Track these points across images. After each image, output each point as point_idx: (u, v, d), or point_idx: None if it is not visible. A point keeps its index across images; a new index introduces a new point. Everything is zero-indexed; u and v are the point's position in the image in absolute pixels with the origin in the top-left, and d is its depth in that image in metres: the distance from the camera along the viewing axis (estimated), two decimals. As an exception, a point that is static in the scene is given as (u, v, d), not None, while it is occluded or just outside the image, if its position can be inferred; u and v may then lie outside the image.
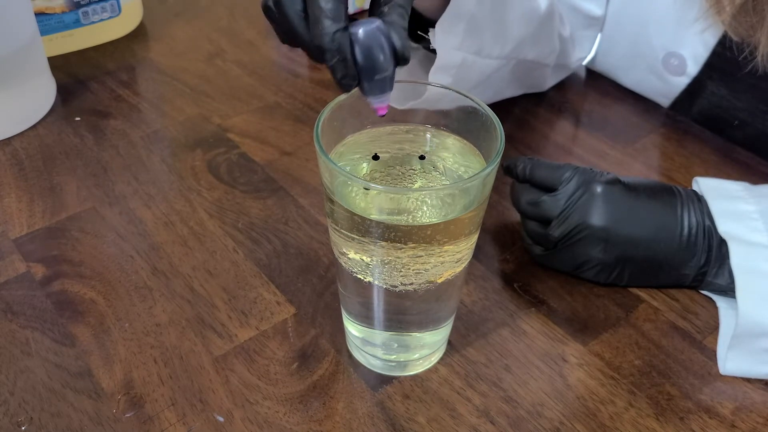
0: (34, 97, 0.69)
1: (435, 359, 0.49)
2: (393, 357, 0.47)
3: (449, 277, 0.43)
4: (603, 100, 0.74)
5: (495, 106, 0.50)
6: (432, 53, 0.39)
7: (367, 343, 0.47)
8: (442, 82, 0.42)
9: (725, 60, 0.63)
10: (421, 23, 0.56)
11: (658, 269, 0.52)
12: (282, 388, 0.47)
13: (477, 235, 0.43)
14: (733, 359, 0.48)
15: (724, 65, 0.64)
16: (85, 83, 0.75)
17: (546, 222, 0.52)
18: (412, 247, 0.39)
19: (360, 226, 0.39)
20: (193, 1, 0.91)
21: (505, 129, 0.40)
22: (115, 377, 0.47)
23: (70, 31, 0.78)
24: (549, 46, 0.66)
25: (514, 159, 0.54)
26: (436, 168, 0.43)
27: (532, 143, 0.68)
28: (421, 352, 0.47)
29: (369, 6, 0.41)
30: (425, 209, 0.40)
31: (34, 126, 0.69)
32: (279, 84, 0.76)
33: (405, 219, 0.39)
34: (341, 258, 0.43)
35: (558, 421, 0.45)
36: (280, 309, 0.52)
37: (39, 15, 0.74)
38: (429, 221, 0.40)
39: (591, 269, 0.52)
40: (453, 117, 0.44)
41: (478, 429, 0.45)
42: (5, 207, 0.60)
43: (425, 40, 0.55)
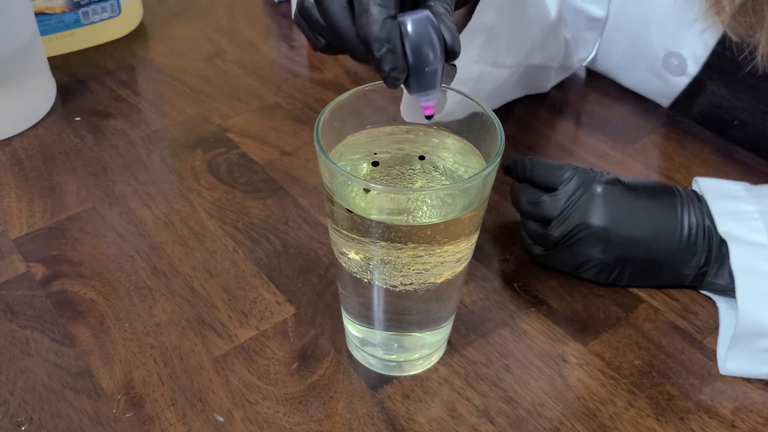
0: (34, 97, 0.69)
1: (435, 359, 0.49)
2: (393, 357, 0.47)
3: (449, 277, 0.43)
4: (603, 100, 0.74)
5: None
6: (451, 67, 0.39)
7: (367, 343, 0.47)
8: (457, 97, 0.41)
9: (725, 60, 0.63)
10: None
11: (658, 269, 0.52)
12: (282, 388, 0.47)
13: (477, 235, 0.43)
14: (733, 359, 0.48)
15: (724, 65, 0.64)
16: (85, 83, 0.75)
17: (546, 222, 0.52)
18: (412, 247, 0.39)
19: (360, 226, 0.39)
20: (193, 1, 0.91)
21: (506, 129, 0.40)
22: (115, 377, 0.47)
23: (70, 31, 0.78)
24: (555, 49, 0.67)
25: (514, 159, 0.54)
26: (436, 168, 0.43)
27: (532, 143, 0.68)
28: (421, 352, 0.47)
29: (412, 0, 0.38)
30: (425, 209, 0.40)
31: (34, 126, 0.69)
32: (279, 84, 0.76)
33: (405, 219, 0.39)
34: (341, 258, 0.43)
35: (558, 421, 0.45)
36: (280, 309, 0.52)
37: (39, 15, 0.74)
38: (429, 221, 0.40)
39: (591, 269, 0.52)
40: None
41: (478, 429, 0.45)
42: (5, 207, 0.60)
43: None
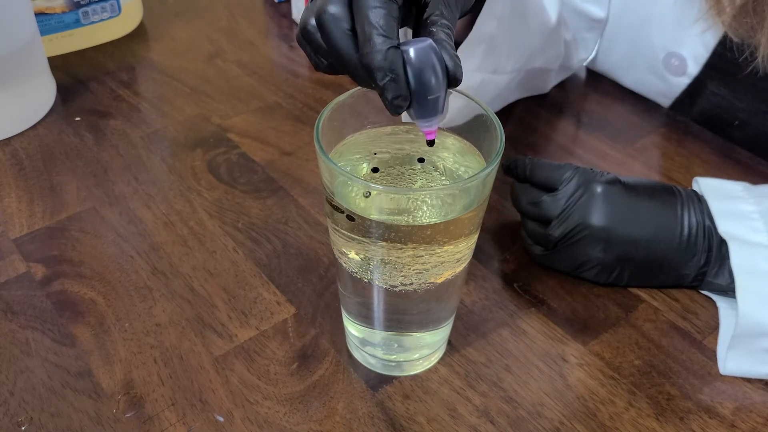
0: (34, 97, 0.69)
1: (435, 359, 0.48)
2: (393, 357, 0.47)
3: (449, 277, 0.43)
4: (603, 100, 0.74)
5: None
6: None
7: (367, 343, 0.47)
8: (458, 103, 0.42)
9: (726, 60, 0.63)
10: None
11: (658, 269, 0.52)
12: (282, 388, 0.47)
13: (477, 235, 0.43)
14: (733, 359, 0.48)
15: (724, 65, 0.64)
16: (85, 83, 0.75)
17: (546, 222, 0.52)
18: (412, 247, 0.39)
19: (360, 226, 0.39)
20: (193, 1, 0.91)
21: (506, 129, 0.40)
22: (115, 377, 0.47)
23: (70, 31, 0.78)
24: (556, 52, 0.67)
25: (514, 159, 0.54)
26: (436, 168, 0.43)
27: (532, 143, 0.68)
28: (421, 352, 0.47)
29: (413, 26, 0.39)
30: (425, 209, 0.40)
31: (34, 126, 0.69)
32: (279, 84, 0.76)
33: (405, 219, 0.39)
34: (341, 258, 0.43)
35: (558, 421, 0.45)
36: (280, 309, 0.52)
37: (39, 15, 0.74)
38: (429, 221, 0.40)
39: (591, 269, 0.52)
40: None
41: (478, 429, 0.45)
42: (5, 207, 0.60)
43: None
